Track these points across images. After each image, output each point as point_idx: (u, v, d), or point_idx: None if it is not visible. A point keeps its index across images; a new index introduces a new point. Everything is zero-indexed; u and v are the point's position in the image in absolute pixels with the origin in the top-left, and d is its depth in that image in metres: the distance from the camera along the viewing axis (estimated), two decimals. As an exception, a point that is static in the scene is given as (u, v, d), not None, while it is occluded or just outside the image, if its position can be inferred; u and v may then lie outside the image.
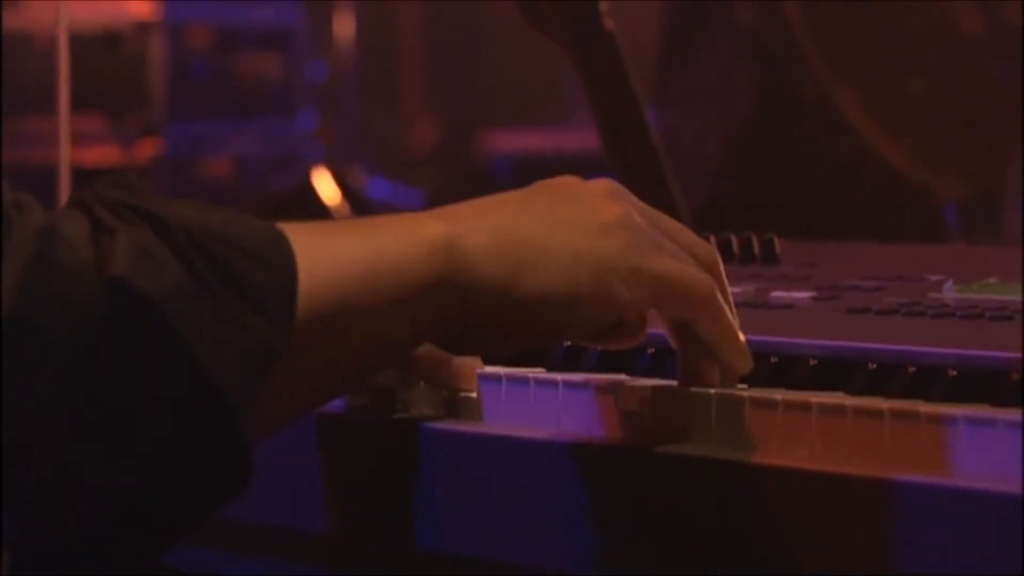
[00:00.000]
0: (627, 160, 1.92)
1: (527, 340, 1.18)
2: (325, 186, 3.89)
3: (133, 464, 1.00)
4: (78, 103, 2.49)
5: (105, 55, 4.31)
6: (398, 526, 1.27)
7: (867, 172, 2.73)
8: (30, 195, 1.00)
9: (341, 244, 1.09)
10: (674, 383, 1.20)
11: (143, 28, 4.37)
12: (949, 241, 2.72)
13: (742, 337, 1.18)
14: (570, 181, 1.18)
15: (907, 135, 2.75)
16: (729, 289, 1.20)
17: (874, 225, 2.59)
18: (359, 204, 3.96)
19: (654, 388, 1.18)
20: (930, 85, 2.78)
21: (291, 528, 1.33)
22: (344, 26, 5.47)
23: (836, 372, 1.21)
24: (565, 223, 1.14)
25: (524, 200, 1.16)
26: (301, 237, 1.05)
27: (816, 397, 1.13)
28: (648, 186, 1.91)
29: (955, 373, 1.17)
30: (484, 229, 1.12)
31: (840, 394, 1.16)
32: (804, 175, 2.74)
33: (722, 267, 1.20)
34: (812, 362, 1.24)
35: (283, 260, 1.03)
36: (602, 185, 1.18)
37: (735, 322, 1.18)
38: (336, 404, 1.27)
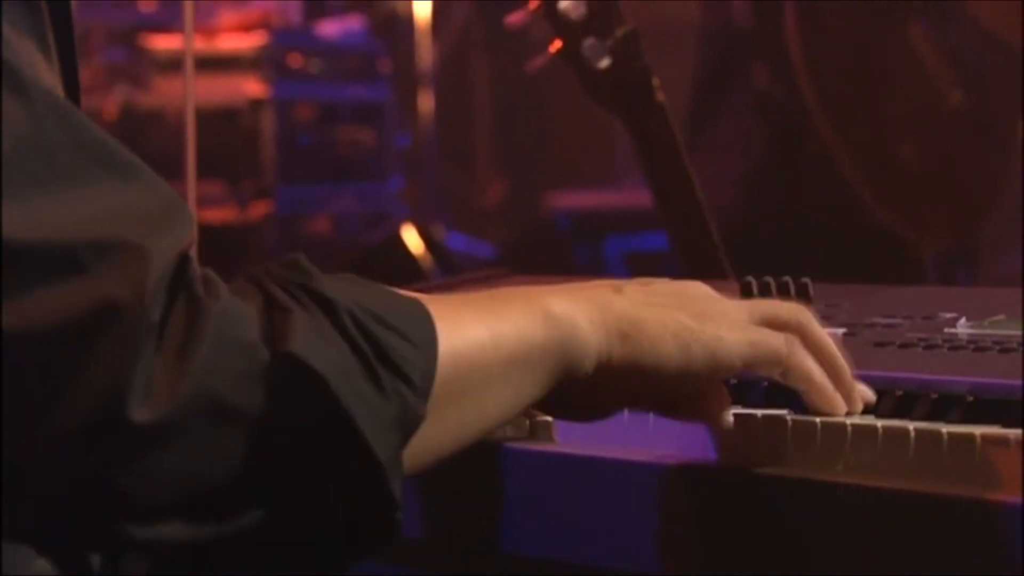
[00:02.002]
0: (675, 214, 1.91)
1: (617, 406, 1.18)
2: (411, 239, 3.90)
3: (300, 515, 0.99)
4: (201, 170, 2.50)
5: (224, 128, 4.33)
6: (483, 532, 1.27)
7: (860, 223, 2.72)
8: (211, 271, 0.99)
9: (472, 318, 1.08)
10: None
11: (256, 105, 4.39)
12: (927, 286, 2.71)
13: (828, 384, 1.16)
14: (658, 280, 1.19)
15: (896, 194, 2.74)
16: (818, 332, 1.18)
17: (863, 271, 2.57)
18: (440, 254, 3.97)
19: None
20: (917, 151, 2.77)
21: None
22: (426, 102, 5.49)
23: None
24: (655, 304, 1.14)
25: (621, 286, 1.16)
26: (441, 313, 1.05)
27: (850, 420, 1.13)
28: (694, 236, 1.90)
29: (972, 399, 1.15)
30: (590, 304, 1.12)
31: (871, 417, 1.15)
32: (806, 223, 2.73)
33: (810, 322, 1.18)
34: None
35: (428, 338, 1.03)
36: (689, 283, 1.19)
37: (821, 371, 1.16)
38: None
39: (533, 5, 1.84)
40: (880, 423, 1.11)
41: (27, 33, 0.98)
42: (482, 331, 1.08)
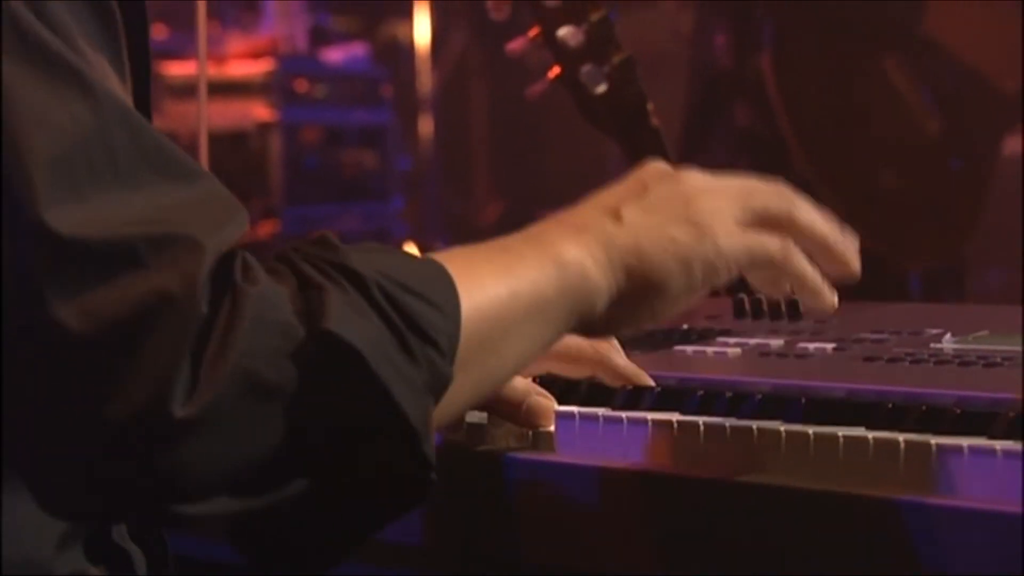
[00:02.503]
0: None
1: (638, 324, 1.18)
2: (413, 257, 3.90)
3: (341, 481, 1.00)
4: (212, 190, 2.49)
5: (233, 150, 4.33)
6: (484, 539, 1.26)
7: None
8: (249, 254, 0.99)
9: (490, 275, 1.09)
10: (723, 421, 1.18)
11: (264, 128, 4.39)
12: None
13: (821, 281, 1.17)
14: (653, 175, 1.18)
15: (877, 219, 2.74)
16: (808, 216, 1.18)
17: (849, 288, 2.57)
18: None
19: (706, 425, 1.17)
20: (897, 177, 2.77)
21: (392, 542, 1.31)
22: (426, 126, 5.50)
23: (859, 410, 1.19)
24: (654, 225, 1.13)
25: (619, 208, 1.15)
26: (461, 273, 1.06)
27: (842, 431, 1.12)
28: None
29: (959, 411, 1.15)
30: (595, 244, 1.12)
31: (861, 428, 1.14)
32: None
33: (795, 202, 1.18)
34: (838, 400, 1.22)
35: (451, 302, 1.04)
36: (682, 178, 1.17)
37: (815, 271, 1.17)
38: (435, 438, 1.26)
39: (533, 33, 1.83)
40: (871, 434, 1.10)
41: (102, 49, 0.99)
42: (500, 287, 1.08)
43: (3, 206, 0.91)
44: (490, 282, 1.08)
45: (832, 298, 1.17)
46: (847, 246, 1.18)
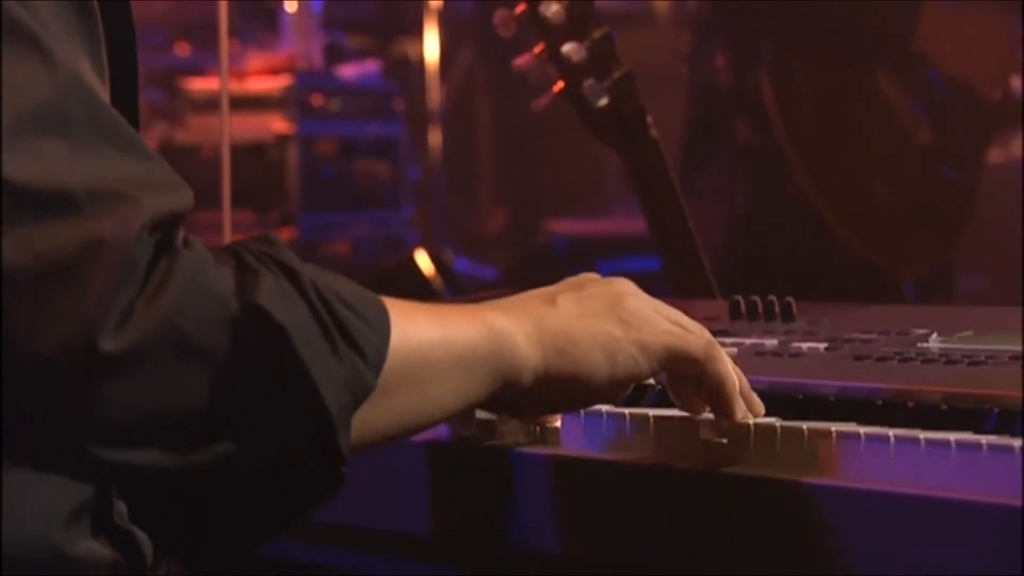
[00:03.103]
0: (667, 239, 1.90)
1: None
2: (423, 262, 3.89)
3: (256, 456, 0.99)
4: (232, 200, 2.49)
5: (253, 161, 4.33)
6: (492, 529, 1.25)
7: (838, 254, 2.71)
8: (198, 237, 1.00)
9: (424, 318, 1.09)
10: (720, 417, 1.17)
11: (282, 140, 4.39)
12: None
13: (739, 388, 1.16)
14: (590, 279, 1.19)
15: (871, 226, 2.73)
16: (726, 357, 1.17)
17: (842, 294, 2.57)
18: (448, 276, 3.95)
19: (705, 421, 1.16)
20: (889, 186, 2.77)
21: (404, 532, 1.30)
22: (435, 138, 5.50)
23: (850, 407, 1.18)
24: (585, 315, 1.15)
25: (555, 297, 1.16)
26: (396, 309, 1.06)
27: (835, 427, 1.11)
28: (684, 259, 1.89)
29: (946, 407, 1.14)
30: (527, 321, 1.13)
31: (853, 424, 1.14)
32: (788, 255, 2.73)
33: (714, 343, 1.18)
34: (831, 399, 1.22)
35: (381, 321, 1.04)
36: (615, 283, 1.19)
37: (733, 378, 1.16)
38: (443, 433, 1.26)
39: (538, 49, 1.83)
40: (862, 430, 1.09)
41: (82, 47, 1.00)
42: (433, 330, 1.08)
43: None
44: (423, 323, 1.08)
45: (744, 409, 1.16)
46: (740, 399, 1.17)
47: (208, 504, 1.02)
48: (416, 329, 1.07)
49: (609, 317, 1.14)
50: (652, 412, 1.20)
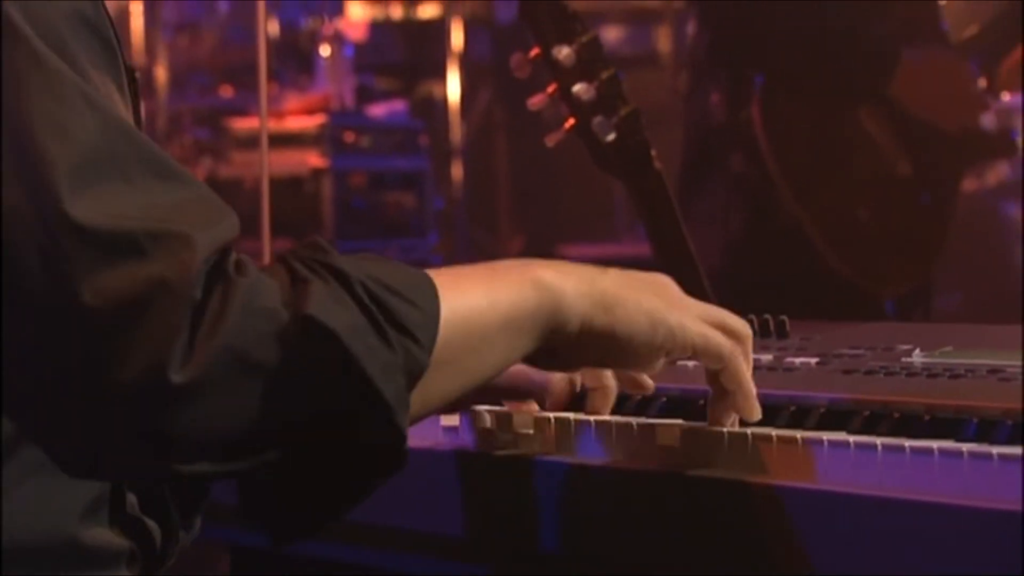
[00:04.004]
0: (670, 263, 1.89)
1: (593, 364, 1.17)
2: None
3: (321, 451, 0.99)
4: (272, 229, 2.49)
5: (291, 193, 4.34)
6: (514, 530, 1.25)
7: (826, 275, 2.71)
8: (247, 256, 1.00)
9: (471, 285, 1.08)
10: (721, 427, 1.16)
11: (318, 174, 4.39)
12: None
13: (754, 392, 1.15)
14: (649, 274, 1.18)
15: (855, 250, 2.72)
16: (751, 355, 1.17)
17: (828, 312, 2.56)
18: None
19: (683, 427, 1.16)
20: (872, 213, 2.76)
21: (436, 533, 1.30)
22: (457, 171, 5.50)
23: (839, 417, 1.18)
24: (634, 286, 1.14)
25: (607, 269, 1.16)
26: (444, 281, 1.05)
27: (825, 435, 1.10)
28: (687, 282, 1.87)
29: (928, 418, 1.13)
30: (576, 277, 1.12)
31: (843, 433, 1.13)
32: (779, 275, 2.72)
33: (751, 340, 1.17)
34: (821, 410, 1.21)
35: (429, 301, 1.03)
36: (662, 276, 1.18)
37: (751, 381, 1.15)
38: (469, 442, 1.26)
39: (551, 89, 1.83)
40: (851, 438, 1.08)
41: (108, 75, 1.01)
42: (480, 297, 1.07)
43: (29, 202, 0.93)
44: (471, 292, 1.07)
45: (756, 414, 1.15)
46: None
47: (284, 484, 1.02)
48: (464, 298, 1.06)
49: (655, 296, 1.13)
50: (657, 422, 1.20)
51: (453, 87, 5.49)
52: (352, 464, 1.01)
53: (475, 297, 1.07)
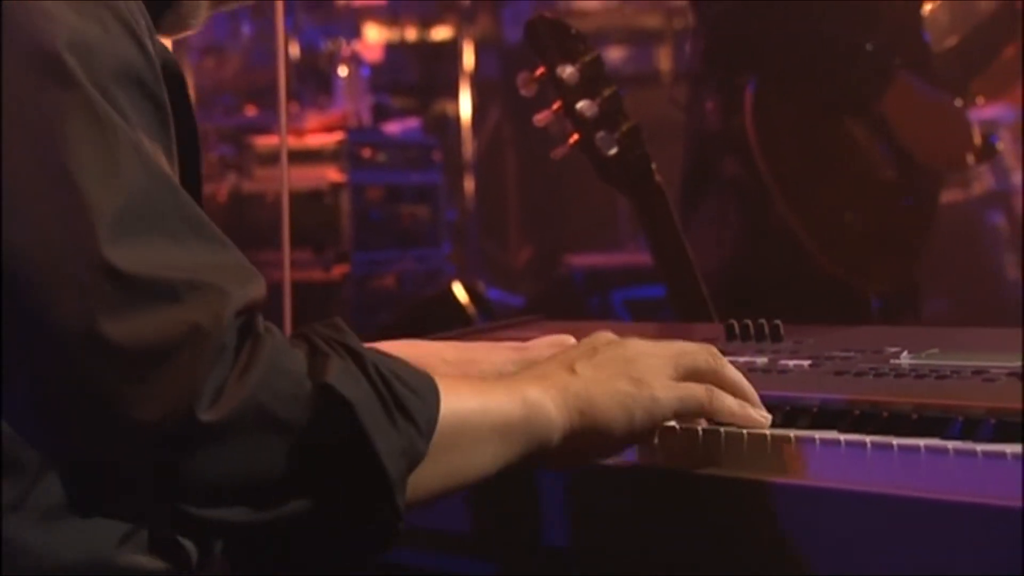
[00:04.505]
0: (670, 271, 1.89)
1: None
2: (460, 293, 3.88)
3: (324, 513, 0.99)
4: (294, 240, 2.50)
5: (311, 206, 4.33)
6: (523, 529, 1.24)
7: (817, 277, 2.70)
8: (274, 325, 1.00)
9: (466, 391, 1.09)
10: (718, 427, 1.16)
11: (336, 188, 4.38)
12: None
13: (748, 411, 1.16)
14: (602, 341, 1.18)
15: (843, 252, 2.72)
16: (730, 371, 1.18)
17: (820, 314, 2.55)
18: (482, 305, 3.95)
19: (682, 428, 1.16)
20: (859, 217, 2.76)
21: (446, 530, 1.29)
22: (469, 185, 5.50)
23: (831, 416, 1.17)
24: (602, 377, 1.14)
25: (574, 364, 1.16)
26: (443, 383, 1.06)
27: (817, 434, 1.10)
28: (686, 288, 1.87)
29: (916, 417, 1.13)
30: (554, 389, 1.13)
31: (834, 432, 1.12)
32: (775, 278, 2.71)
33: (722, 362, 1.19)
34: (814, 410, 1.20)
35: (431, 395, 1.05)
36: (625, 345, 1.18)
37: (737, 405, 1.16)
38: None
39: (556, 106, 1.83)
40: (842, 436, 1.08)
41: (157, 139, 1.01)
42: (474, 402, 1.09)
43: (71, 244, 0.93)
44: (467, 396, 1.08)
45: (760, 418, 1.16)
46: (755, 398, 1.19)
47: (280, 547, 1.01)
48: (460, 401, 1.07)
49: (623, 378, 1.14)
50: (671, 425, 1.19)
51: (464, 105, 5.50)
52: (348, 532, 1.01)
53: (469, 400, 1.08)
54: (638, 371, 1.15)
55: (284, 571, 1.03)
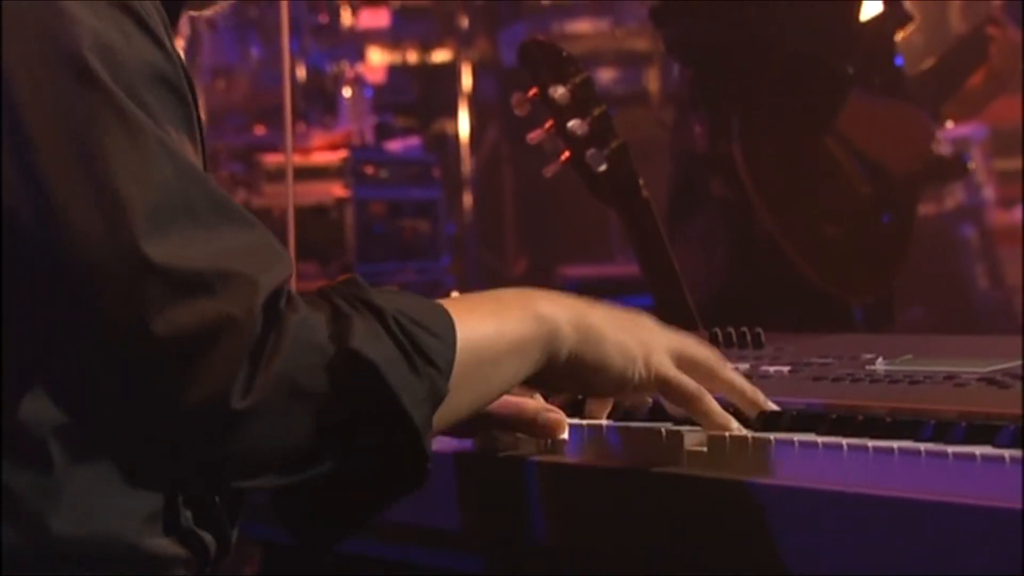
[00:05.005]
0: (657, 282, 1.88)
1: (574, 388, 1.21)
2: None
3: (358, 465, 1.02)
4: (300, 254, 2.49)
5: (317, 221, 4.33)
6: (508, 526, 1.24)
7: (799, 287, 2.70)
8: (296, 294, 1.01)
9: (481, 316, 1.11)
10: (701, 431, 1.15)
11: (341, 203, 4.38)
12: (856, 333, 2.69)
13: (730, 419, 1.16)
14: (630, 309, 1.21)
15: (825, 264, 2.72)
16: (727, 368, 1.19)
17: (803, 323, 2.55)
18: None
19: (668, 431, 1.15)
20: (839, 230, 2.76)
21: (434, 527, 1.29)
22: (467, 200, 5.51)
23: (809, 420, 1.16)
24: (617, 324, 1.17)
25: (596, 303, 1.19)
26: (457, 312, 1.08)
27: (796, 436, 1.09)
28: (672, 298, 1.87)
29: (890, 420, 1.12)
30: (572, 311, 1.15)
31: (812, 435, 1.12)
32: (758, 288, 2.71)
33: (718, 361, 1.19)
34: (793, 413, 1.19)
35: (448, 332, 1.06)
36: (644, 318, 1.20)
37: (725, 415, 1.16)
38: (467, 444, 1.25)
39: (548, 125, 1.83)
40: (820, 439, 1.07)
41: (182, 129, 1.02)
42: (489, 327, 1.10)
43: (114, 244, 0.94)
44: (481, 323, 1.10)
45: (734, 422, 1.16)
46: (757, 395, 1.19)
47: (318, 496, 1.04)
48: (475, 328, 1.09)
49: (631, 334, 1.16)
50: (644, 426, 1.19)
51: (463, 124, 5.50)
52: (380, 480, 1.04)
53: (485, 327, 1.10)
54: (645, 335, 1.17)
55: (325, 520, 1.06)
